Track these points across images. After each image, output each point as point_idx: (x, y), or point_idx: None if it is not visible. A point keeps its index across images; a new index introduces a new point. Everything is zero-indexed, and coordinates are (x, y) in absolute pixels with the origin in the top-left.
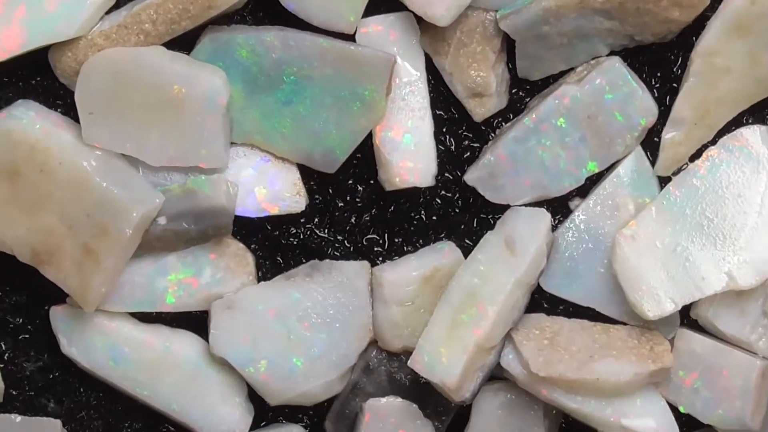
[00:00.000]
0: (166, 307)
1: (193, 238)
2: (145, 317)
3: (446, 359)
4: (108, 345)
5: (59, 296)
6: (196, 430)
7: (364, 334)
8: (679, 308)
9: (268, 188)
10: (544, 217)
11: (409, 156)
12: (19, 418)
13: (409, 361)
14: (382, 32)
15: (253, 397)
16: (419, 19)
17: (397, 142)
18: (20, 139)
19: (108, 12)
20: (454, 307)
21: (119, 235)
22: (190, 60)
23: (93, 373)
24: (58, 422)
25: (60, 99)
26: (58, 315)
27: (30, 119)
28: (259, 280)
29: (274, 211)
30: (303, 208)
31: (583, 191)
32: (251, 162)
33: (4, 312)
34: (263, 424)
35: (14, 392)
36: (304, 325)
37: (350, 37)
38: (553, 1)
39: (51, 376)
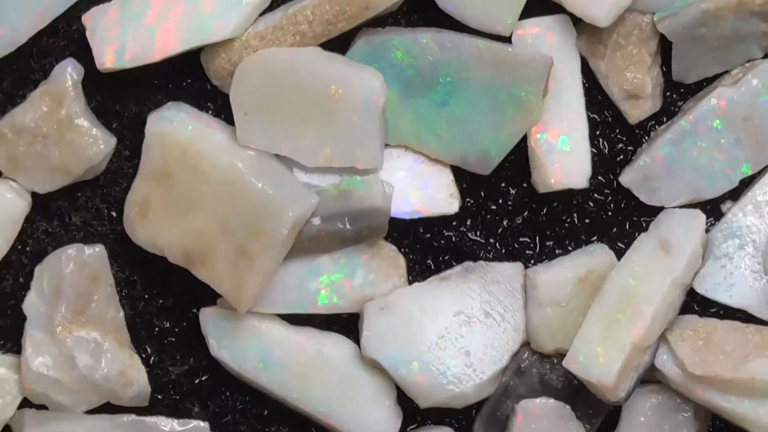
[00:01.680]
0: (318, 308)
1: (348, 239)
2: (295, 320)
3: (603, 359)
4: (259, 347)
5: (205, 299)
6: None
7: (517, 335)
8: None
9: (422, 190)
10: (700, 217)
11: (564, 158)
12: (166, 422)
13: (563, 361)
14: (539, 34)
15: (401, 399)
16: (575, 21)
17: (552, 144)
18: (172, 141)
19: (262, 14)
20: (609, 308)
21: (274, 236)
22: (346, 61)
23: (242, 376)
24: (206, 426)
25: (211, 101)
26: (208, 317)
27: (182, 121)
28: (410, 282)
29: (428, 212)
30: (456, 210)
31: (735, 194)
32: (405, 163)
33: (150, 315)
34: (412, 427)
35: (160, 396)
36: (457, 327)
37: (506, 39)
38: (712, 2)
39: (197, 380)
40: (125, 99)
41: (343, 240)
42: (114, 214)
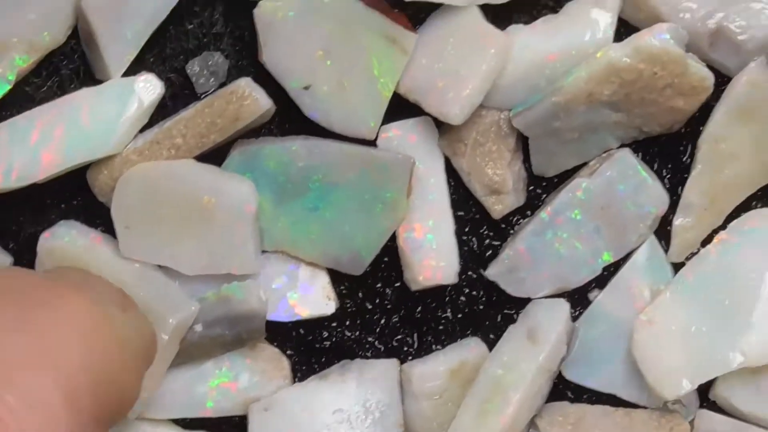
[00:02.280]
0: (207, 411)
1: (229, 343)
2: (188, 424)
3: None
4: None
5: None
6: None
7: (396, 429)
8: (696, 387)
9: (300, 293)
10: (563, 306)
11: (432, 255)
12: None
13: None
14: (402, 136)
15: None
16: (438, 122)
17: (419, 242)
18: (62, 257)
19: (142, 130)
20: (480, 398)
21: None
22: (219, 171)
23: None
24: None
25: (100, 217)
26: None
27: (71, 238)
28: (295, 381)
29: (306, 314)
30: (333, 311)
31: (602, 281)
32: (284, 269)
33: None
34: None
35: None
36: (339, 423)
37: (372, 143)
38: (562, 95)
39: None
40: (20, 219)
41: (224, 344)
42: None
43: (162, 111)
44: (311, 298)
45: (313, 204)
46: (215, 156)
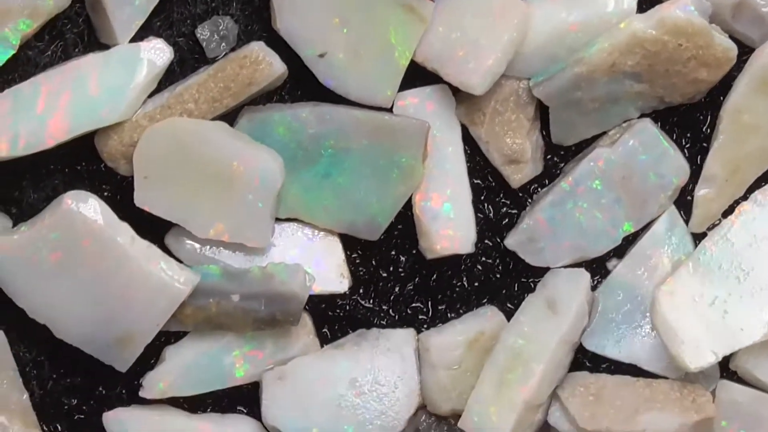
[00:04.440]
0: (237, 381)
1: (261, 320)
2: (195, 406)
3: (496, 418)
4: None
5: (112, 376)
6: None
7: (412, 399)
8: (720, 359)
9: (314, 268)
10: (584, 276)
11: (449, 224)
12: None
13: (459, 422)
14: (419, 104)
15: None
16: (454, 91)
17: (436, 211)
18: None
19: (150, 95)
20: (500, 368)
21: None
22: (250, 140)
23: None
24: None
25: (106, 182)
26: (110, 421)
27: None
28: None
29: (319, 290)
30: (346, 290)
31: (620, 251)
32: (298, 241)
33: (58, 394)
34: None
35: None
36: (354, 393)
37: (388, 111)
38: (585, 66)
39: None
40: (22, 186)
41: (256, 320)
42: None
43: (169, 76)
44: (325, 274)
45: (326, 170)
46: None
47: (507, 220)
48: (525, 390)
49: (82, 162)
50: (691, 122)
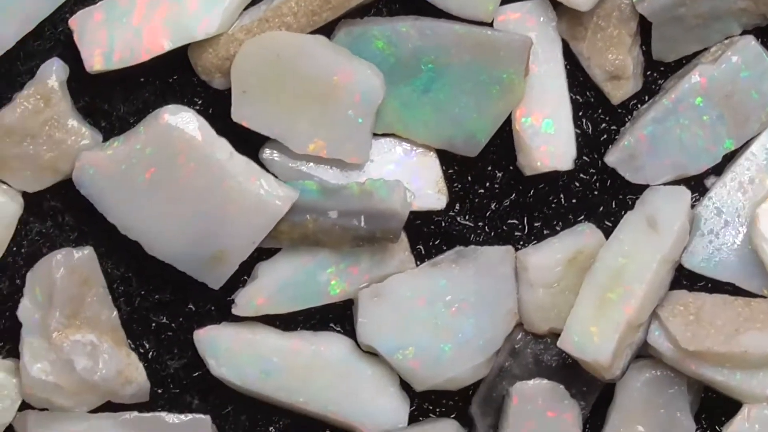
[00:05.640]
0: (332, 298)
1: (360, 237)
2: (288, 325)
3: (597, 338)
4: (257, 359)
5: (202, 293)
6: (356, 426)
7: (510, 317)
8: None
9: (411, 184)
10: (685, 194)
11: (549, 140)
12: (168, 416)
13: (558, 342)
14: (519, 19)
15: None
16: (555, 5)
17: (536, 127)
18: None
19: (247, 7)
20: (601, 287)
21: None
22: (350, 54)
23: (246, 390)
24: (207, 419)
25: (198, 96)
26: (201, 339)
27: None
28: None
29: (415, 207)
30: (443, 207)
31: (719, 169)
32: (394, 157)
33: (146, 311)
34: (411, 409)
35: (159, 390)
36: (451, 311)
37: (488, 26)
38: None
39: (195, 374)
40: (112, 98)
41: (356, 237)
42: None
43: None
44: (422, 190)
45: (425, 86)
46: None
47: (605, 136)
48: (627, 310)
49: (173, 75)
50: None
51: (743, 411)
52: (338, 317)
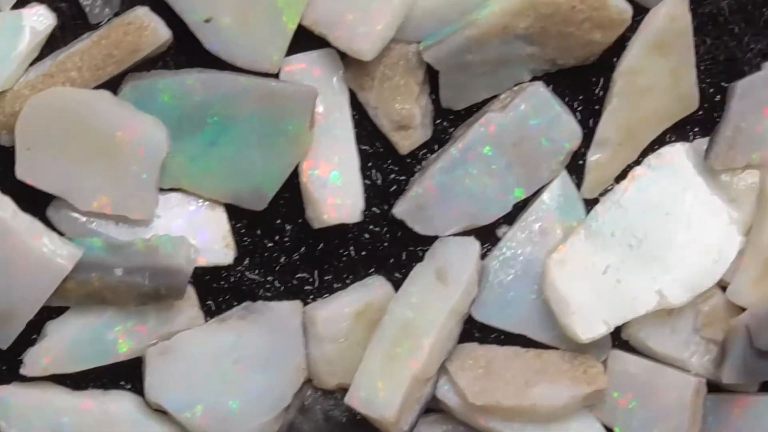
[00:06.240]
0: (120, 357)
1: (145, 294)
2: (78, 383)
3: (383, 393)
4: (47, 419)
5: None
6: None
7: (298, 373)
8: (612, 329)
9: (198, 239)
10: (474, 245)
11: (337, 193)
12: None
13: (345, 398)
14: (305, 69)
15: None
16: (342, 55)
17: (324, 180)
18: None
19: (32, 63)
20: (388, 341)
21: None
22: (135, 110)
23: None
24: None
25: None
26: None
27: None
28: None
29: (202, 262)
30: (231, 261)
31: (511, 218)
32: (182, 212)
33: None
34: None
35: None
36: (239, 368)
37: (275, 77)
38: (476, 29)
39: None
40: None
41: (140, 295)
42: None
43: (52, 44)
44: (209, 245)
45: (212, 139)
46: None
47: (395, 186)
48: (414, 364)
49: None
50: (584, 85)
51: None
52: (128, 375)
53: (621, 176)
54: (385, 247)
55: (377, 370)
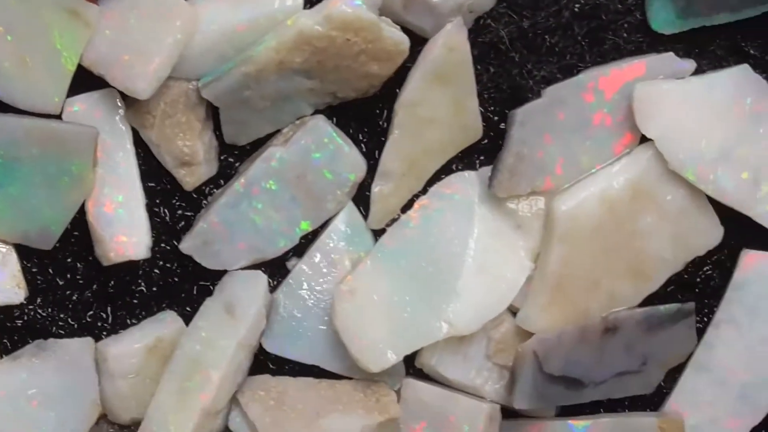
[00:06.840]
0: None
1: None
2: None
3: (174, 427)
4: None
5: None
6: None
7: (92, 408)
8: (401, 359)
9: None
10: (261, 278)
11: (123, 230)
12: None
13: (139, 430)
14: (87, 110)
15: None
16: (123, 95)
17: (110, 217)
18: None
19: None
20: (179, 375)
21: None
22: None
23: None
24: None
25: None
26: None
27: None
28: None
29: None
30: (22, 300)
31: (300, 250)
32: None
33: None
34: None
35: None
36: (33, 405)
37: (57, 118)
38: (253, 65)
39: None
40: None
41: None
42: None
43: None
44: (1, 286)
45: None
46: None
47: (183, 222)
48: (203, 397)
49: None
50: (368, 116)
51: None
52: None
53: (407, 206)
54: (176, 282)
55: (169, 404)
